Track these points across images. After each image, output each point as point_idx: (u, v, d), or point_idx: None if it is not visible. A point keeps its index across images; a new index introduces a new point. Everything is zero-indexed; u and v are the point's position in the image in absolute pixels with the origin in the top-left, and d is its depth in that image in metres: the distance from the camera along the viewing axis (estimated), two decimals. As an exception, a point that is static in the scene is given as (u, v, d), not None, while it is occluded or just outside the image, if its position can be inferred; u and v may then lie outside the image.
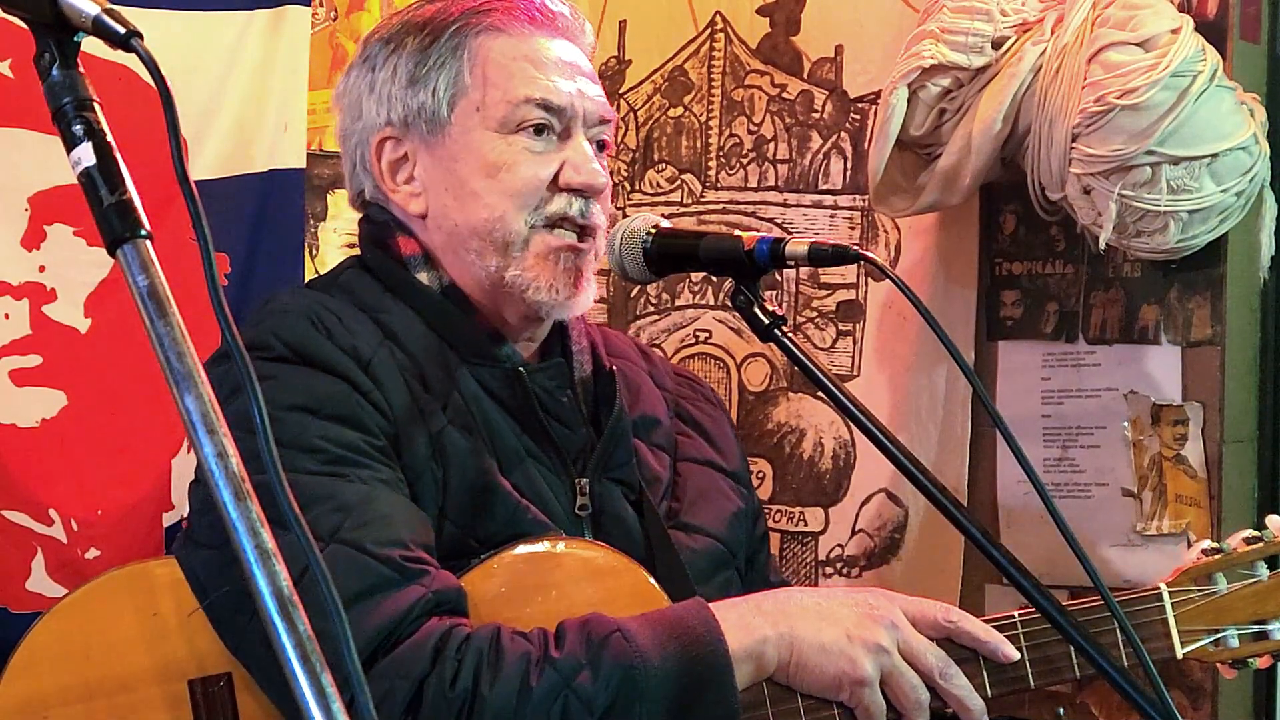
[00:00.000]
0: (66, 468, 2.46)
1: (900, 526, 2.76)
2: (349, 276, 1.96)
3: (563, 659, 1.65)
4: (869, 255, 1.70)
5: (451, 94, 1.90)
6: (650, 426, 2.02)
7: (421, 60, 1.91)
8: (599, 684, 1.64)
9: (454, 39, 1.91)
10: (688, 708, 1.67)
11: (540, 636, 1.68)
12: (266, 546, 1.03)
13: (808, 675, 1.74)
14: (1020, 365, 2.64)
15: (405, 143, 1.93)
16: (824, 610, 1.76)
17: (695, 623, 1.70)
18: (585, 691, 1.63)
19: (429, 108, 1.91)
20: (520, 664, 1.64)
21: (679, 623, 1.70)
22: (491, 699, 1.62)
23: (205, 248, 1.10)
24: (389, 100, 1.93)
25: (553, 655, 1.65)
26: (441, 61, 1.91)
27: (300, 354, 1.79)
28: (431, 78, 1.91)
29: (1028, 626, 1.80)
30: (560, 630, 1.69)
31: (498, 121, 1.88)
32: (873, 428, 1.67)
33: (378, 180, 1.95)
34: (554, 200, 1.88)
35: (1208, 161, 2.29)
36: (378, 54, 1.96)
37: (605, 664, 1.65)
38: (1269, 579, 1.87)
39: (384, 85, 1.93)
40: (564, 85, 1.90)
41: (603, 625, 1.68)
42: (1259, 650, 1.87)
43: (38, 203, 2.46)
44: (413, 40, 1.93)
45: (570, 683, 1.63)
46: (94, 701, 1.78)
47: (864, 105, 2.83)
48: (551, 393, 1.91)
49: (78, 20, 1.15)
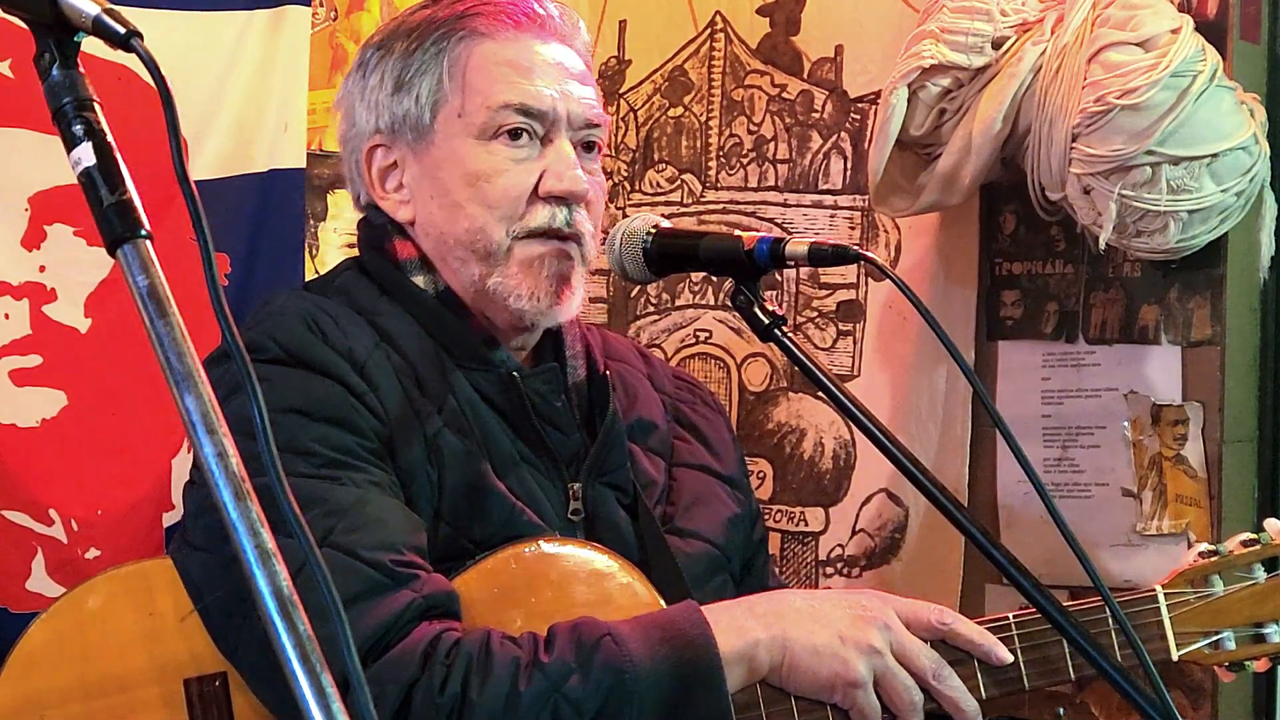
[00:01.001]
0: (66, 468, 2.46)
1: (900, 526, 2.76)
2: (346, 279, 1.96)
3: (552, 663, 1.64)
4: (869, 255, 1.70)
5: (434, 101, 1.90)
6: (646, 431, 2.02)
7: (406, 66, 1.91)
8: (589, 688, 1.64)
9: (437, 45, 1.90)
10: (679, 710, 1.66)
11: (530, 641, 1.68)
12: (266, 547, 1.03)
13: (800, 677, 1.74)
14: (1020, 365, 2.64)
15: (394, 150, 1.93)
16: (817, 612, 1.76)
17: (687, 625, 1.70)
18: (575, 695, 1.63)
19: (413, 115, 1.91)
20: (510, 668, 1.64)
21: (670, 625, 1.70)
22: (480, 704, 1.62)
23: (205, 248, 1.10)
24: (377, 107, 1.93)
25: (542, 660, 1.65)
26: (424, 68, 1.90)
27: (295, 356, 1.79)
28: (415, 84, 1.90)
29: (1023, 628, 1.80)
30: (550, 634, 1.69)
31: (478, 128, 1.88)
32: (873, 428, 1.67)
33: (368, 187, 1.96)
34: (537, 212, 1.88)
35: (1208, 161, 2.29)
36: (370, 60, 1.96)
37: (595, 668, 1.64)
38: (1266, 582, 1.87)
39: (373, 92, 1.94)
40: (546, 90, 1.89)
41: (593, 629, 1.68)
42: (1256, 653, 1.87)
43: (38, 203, 2.46)
44: (400, 46, 1.93)
45: (560, 687, 1.63)
46: (91, 701, 1.78)
47: (864, 105, 2.83)
48: (545, 397, 1.91)
49: (78, 20, 1.15)
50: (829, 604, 1.78)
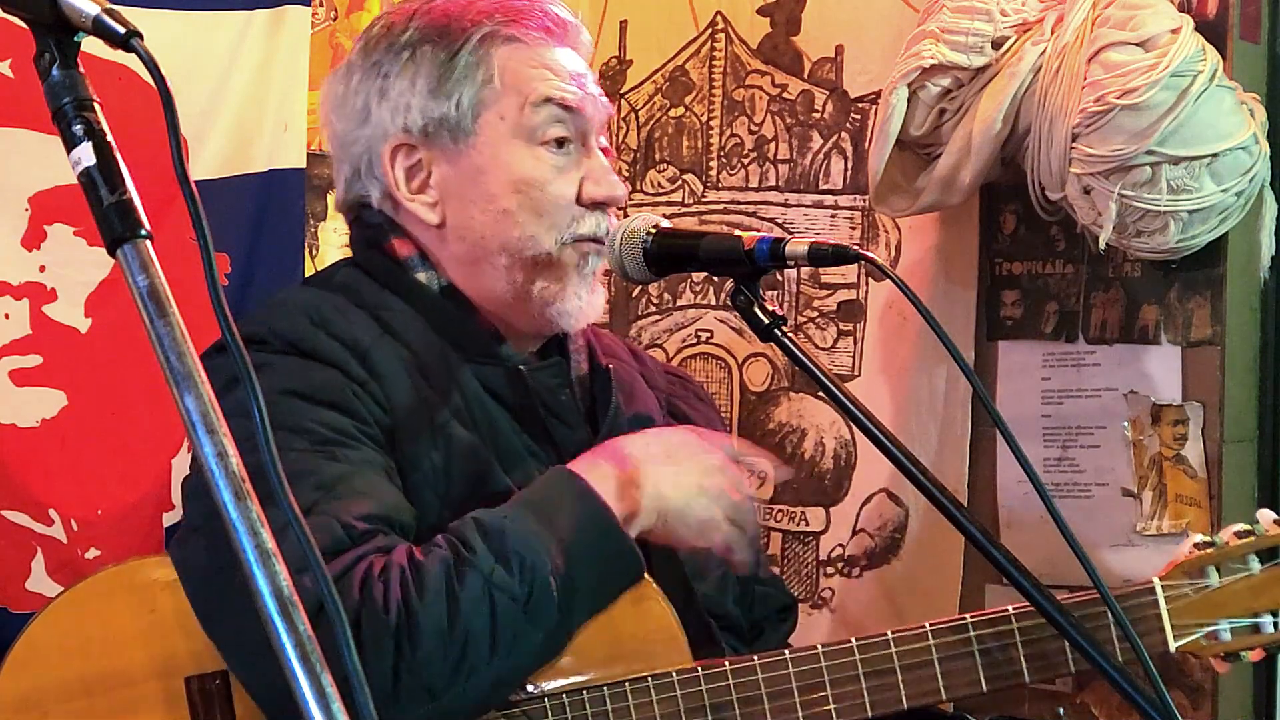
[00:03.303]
0: (66, 468, 2.46)
1: (900, 526, 2.76)
2: (346, 275, 1.96)
3: (479, 558, 1.68)
4: (869, 255, 1.70)
5: (476, 105, 1.90)
6: (644, 425, 2.02)
7: (446, 72, 1.91)
8: (513, 576, 1.68)
9: (478, 50, 1.91)
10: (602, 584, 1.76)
11: (446, 542, 1.72)
12: (266, 547, 1.03)
13: (675, 537, 1.84)
14: (1020, 365, 2.64)
15: (420, 151, 1.93)
16: (678, 469, 1.84)
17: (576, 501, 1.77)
18: (506, 584, 1.67)
19: (452, 118, 1.91)
20: (441, 573, 1.67)
21: (558, 503, 1.76)
22: (425, 614, 1.64)
23: (205, 248, 1.10)
24: (406, 109, 1.92)
25: (467, 556, 1.69)
26: (466, 74, 1.91)
27: (296, 346, 1.80)
28: (455, 89, 1.91)
29: (1023, 621, 1.81)
30: (460, 533, 1.72)
31: (524, 130, 1.90)
32: (873, 428, 1.67)
33: (390, 188, 1.94)
34: (584, 220, 1.91)
35: (1208, 161, 2.29)
36: (388, 60, 1.94)
37: (512, 553, 1.69)
38: (1261, 572, 1.87)
39: (401, 94, 1.92)
40: (580, 91, 1.93)
41: (495, 519, 1.73)
42: (1251, 643, 1.87)
43: (38, 203, 2.47)
44: (432, 49, 1.92)
45: (491, 579, 1.67)
46: (92, 697, 1.79)
47: (864, 105, 2.83)
48: (552, 391, 1.93)
49: (78, 20, 1.15)
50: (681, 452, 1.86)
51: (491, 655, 1.67)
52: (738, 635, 2.00)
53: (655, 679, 1.76)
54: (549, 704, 1.74)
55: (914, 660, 1.80)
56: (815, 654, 1.79)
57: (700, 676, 1.77)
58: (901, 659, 1.80)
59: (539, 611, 1.69)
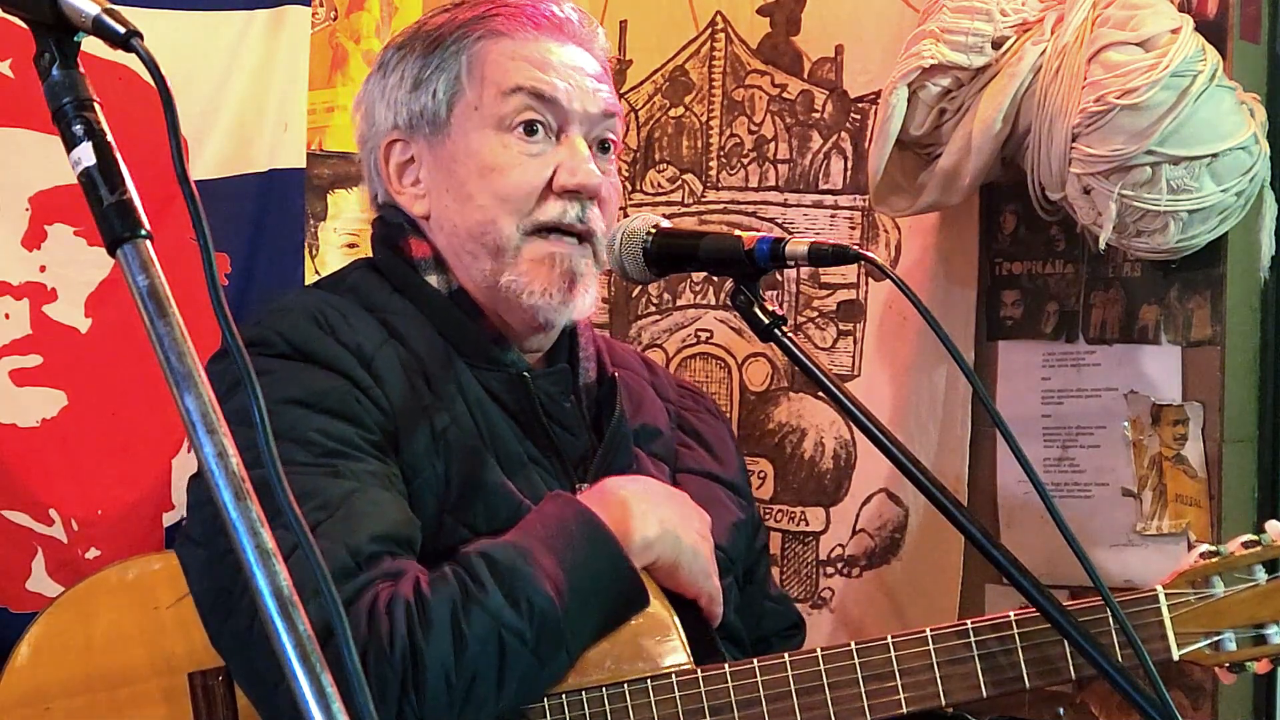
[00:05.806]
0: (66, 468, 2.47)
1: (900, 526, 2.76)
2: (357, 277, 1.96)
3: (488, 597, 1.67)
4: (869, 255, 1.70)
5: (451, 95, 1.92)
6: (651, 436, 2.03)
7: (425, 65, 1.94)
8: (523, 617, 1.67)
9: (457, 43, 1.93)
10: (608, 618, 1.76)
11: (455, 575, 1.70)
12: (266, 546, 1.03)
13: (671, 580, 1.84)
14: (1020, 365, 2.64)
15: (411, 145, 1.95)
16: (679, 521, 1.86)
17: (591, 537, 1.76)
18: (515, 625, 1.67)
19: (430, 109, 1.93)
20: (448, 611, 1.66)
21: (574, 537, 1.75)
22: (430, 653, 1.63)
23: (205, 248, 1.10)
24: (395, 105, 1.96)
25: (477, 595, 1.67)
26: (443, 65, 1.93)
27: (300, 350, 1.79)
28: (433, 80, 1.93)
29: (1024, 626, 1.80)
30: (470, 566, 1.71)
31: (494, 119, 1.90)
32: (873, 428, 1.67)
33: (385, 182, 1.97)
34: (548, 206, 1.89)
35: (1208, 161, 2.29)
36: (390, 60, 1.99)
37: (524, 596, 1.68)
38: (1267, 583, 1.86)
39: (392, 91, 1.96)
40: (560, 82, 1.90)
41: (508, 553, 1.71)
42: (1257, 654, 1.86)
43: (38, 203, 2.47)
44: (420, 46, 1.96)
45: (500, 619, 1.66)
46: (95, 694, 1.79)
47: (864, 105, 2.83)
48: (554, 398, 1.92)
49: (78, 20, 1.15)
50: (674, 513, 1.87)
51: (498, 694, 1.67)
52: (738, 645, 1.99)
53: (654, 681, 1.76)
54: (548, 705, 1.74)
55: (914, 665, 1.80)
56: (814, 657, 1.79)
57: (699, 679, 1.77)
58: (901, 663, 1.79)
59: (547, 653, 1.69)
